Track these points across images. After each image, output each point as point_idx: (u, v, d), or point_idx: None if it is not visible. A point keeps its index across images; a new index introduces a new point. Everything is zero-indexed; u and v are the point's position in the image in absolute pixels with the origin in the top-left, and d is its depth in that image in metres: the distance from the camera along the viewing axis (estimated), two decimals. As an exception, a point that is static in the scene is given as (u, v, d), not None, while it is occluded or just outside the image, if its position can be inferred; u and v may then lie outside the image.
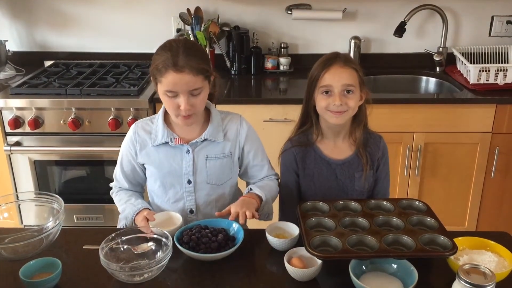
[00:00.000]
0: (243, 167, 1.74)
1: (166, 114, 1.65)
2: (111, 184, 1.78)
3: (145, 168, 1.69)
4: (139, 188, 1.77)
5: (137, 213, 1.58)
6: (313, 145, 1.72)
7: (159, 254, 1.40)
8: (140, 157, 1.66)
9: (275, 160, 1.79)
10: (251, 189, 1.65)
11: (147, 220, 1.51)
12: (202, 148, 1.64)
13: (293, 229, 1.51)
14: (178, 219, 1.56)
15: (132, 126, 1.68)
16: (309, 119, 1.73)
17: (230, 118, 1.69)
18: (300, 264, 1.34)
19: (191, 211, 1.68)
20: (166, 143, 1.62)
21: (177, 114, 1.54)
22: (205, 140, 1.63)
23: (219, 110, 1.70)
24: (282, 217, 1.77)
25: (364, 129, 1.73)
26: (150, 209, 1.60)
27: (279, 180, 1.78)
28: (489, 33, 3.00)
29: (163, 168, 1.64)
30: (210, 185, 1.67)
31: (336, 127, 1.68)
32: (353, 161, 1.71)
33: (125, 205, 1.65)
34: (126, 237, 1.44)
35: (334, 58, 1.63)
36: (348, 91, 1.61)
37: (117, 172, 1.73)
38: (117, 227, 1.63)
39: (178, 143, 1.62)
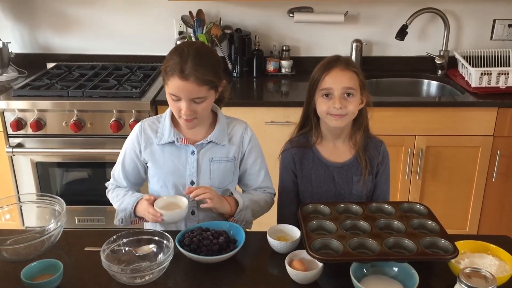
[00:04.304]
0: (240, 173, 1.74)
1: (173, 114, 1.66)
2: (107, 183, 1.76)
3: (147, 167, 1.69)
4: (136, 188, 1.76)
5: (137, 203, 1.59)
6: (312, 147, 1.73)
7: (160, 256, 1.40)
8: (144, 155, 1.66)
9: (275, 161, 1.79)
10: (231, 193, 1.65)
11: (152, 204, 1.53)
12: (207, 150, 1.65)
13: (294, 232, 1.51)
14: (184, 202, 1.56)
15: (138, 124, 1.70)
16: (309, 122, 1.73)
17: (235, 124, 1.70)
18: (301, 267, 1.34)
19: (193, 212, 1.68)
20: (172, 142, 1.63)
21: (179, 116, 1.57)
22: (210, 142, 1.64)
23: (225, 115, 1.71)
24: (280, 218, 1.78)
25: (365, 133, 1.73)
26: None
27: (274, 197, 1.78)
28: (491, 37, 3.00)
29: (166, 168, 1.65)
30: (213, 187, 1.67)
31: (336, 130, 1.68)
32: (352, 165, 1.71)
33: (122, 199, 1.66)
34: (128, 239, 1.44)
35: (335, 61, 1.63)
36: (348, 94, 1.61)
37: (116, 171, 1.72)
38: (115, 222, 1.65)
39: (184, 143, 1.63)
